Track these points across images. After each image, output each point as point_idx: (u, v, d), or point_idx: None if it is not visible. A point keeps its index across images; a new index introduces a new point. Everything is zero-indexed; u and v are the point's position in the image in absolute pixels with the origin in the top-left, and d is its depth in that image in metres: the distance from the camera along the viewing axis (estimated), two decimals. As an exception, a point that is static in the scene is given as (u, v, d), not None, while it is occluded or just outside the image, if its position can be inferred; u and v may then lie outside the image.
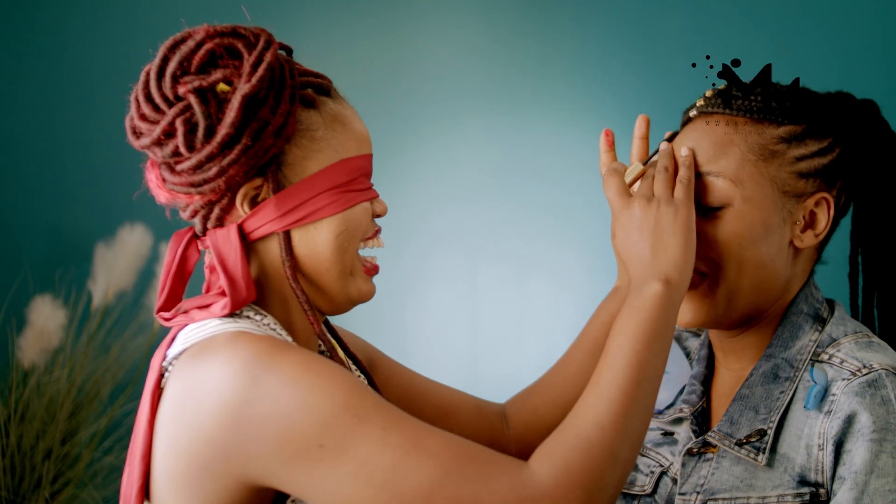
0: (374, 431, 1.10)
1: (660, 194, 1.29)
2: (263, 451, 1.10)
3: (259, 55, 1.20)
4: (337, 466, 1.09)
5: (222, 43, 1.21)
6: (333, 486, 1.10)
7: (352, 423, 1.09)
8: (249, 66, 1.20)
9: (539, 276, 2.71)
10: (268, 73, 1.20)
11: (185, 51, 1.21)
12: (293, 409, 1.10)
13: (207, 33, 1.22)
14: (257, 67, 1.20)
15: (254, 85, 1.18)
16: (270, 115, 1.20)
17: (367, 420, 1.10)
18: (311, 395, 1.10)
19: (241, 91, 1.18)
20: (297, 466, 1.10)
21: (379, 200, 1.31)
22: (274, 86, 1.21)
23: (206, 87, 1.19)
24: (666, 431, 1.46)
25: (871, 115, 1.41)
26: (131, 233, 2.59)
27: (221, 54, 1.21)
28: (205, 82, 1.19)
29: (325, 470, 1.09)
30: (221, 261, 1.23)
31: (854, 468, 1.22)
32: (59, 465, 2.54)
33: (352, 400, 1.11)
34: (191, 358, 1.18)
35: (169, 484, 1.17)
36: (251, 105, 1.19)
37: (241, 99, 1.18)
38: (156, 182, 1.25)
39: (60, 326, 2.51)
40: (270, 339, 1.16)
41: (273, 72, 1.21)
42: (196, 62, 1.20)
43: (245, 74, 1.19)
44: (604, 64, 2.64)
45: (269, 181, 1.22)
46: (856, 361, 1.28)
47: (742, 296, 1.34)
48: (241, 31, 1.23)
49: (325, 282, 1.26)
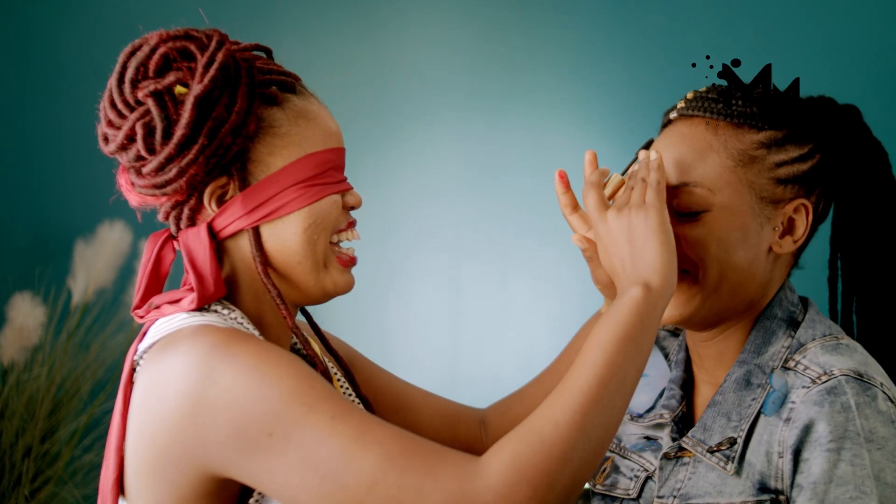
0: (322, 420, 1.11)
1: (632, 202, 1.28)
2: (219, 439, 1.12)
3: (211, 56, 1.22)
4: (285, 455, 1.10)
5: (175, 46, 1.24)
6: (282, 476, 1.11)
7: (300, 412, 1.11)
8: (202, 67, 1.22)
9: (521, 273, 2.71)
10: (219, 72, 1.21)
11: (140, 56, 1.23)
12: (244, 399, 1.12)
13: (161, 38, 1.24)
14: (209, 68, 1.22)
15: (206, 85, 1.20)
16: (225, 113, 1.22)
17: (315, 409, 1.11)
18: (263, 385, 1.12)
19: (193, 91, 1.20)
20: (249, 455, 1.12)
21: (352, 193, 1.32)
22: (228, 84, 1.23)
23: (162, 89, 1.22)
24: (649, 436, 1.45)
25: (853, 121, 1.41)
26: (111, 230, 2.59)
27: (174, 57, 1.23)
28: (160, 85, 1.22)
29: (274, 458, 1.11)
30: (191, 258, 1.25)
31: (812, 478, 1.22)
32: (38, 462, 2.54)
33: (301, 389, 1.12)
34: (158, 351, 1.20)
35: (139, 476, 1.19)
36: (205, 104, 1.21)
37: (194, 99, 1.20)
38: (126, 186, 1.29)
39: (40, 324, 2.51)
40: (231, 330, 1.18)
41: (227, 70, 1.23)
42: (152, 67, 1.23)
43: (198, 75, 1.21)
44: (585, 59, 2.64)
45: (235, 179, 1.24)
46: (817, 367, 1.28)
47: (717, 297, 1.34)
48: (194, 33, 1.25)
49: (298, 275, 1.28)
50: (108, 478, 1.23)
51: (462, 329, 2.76)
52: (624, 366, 1.17)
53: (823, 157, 1.36)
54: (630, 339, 1.18)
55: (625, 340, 1.18)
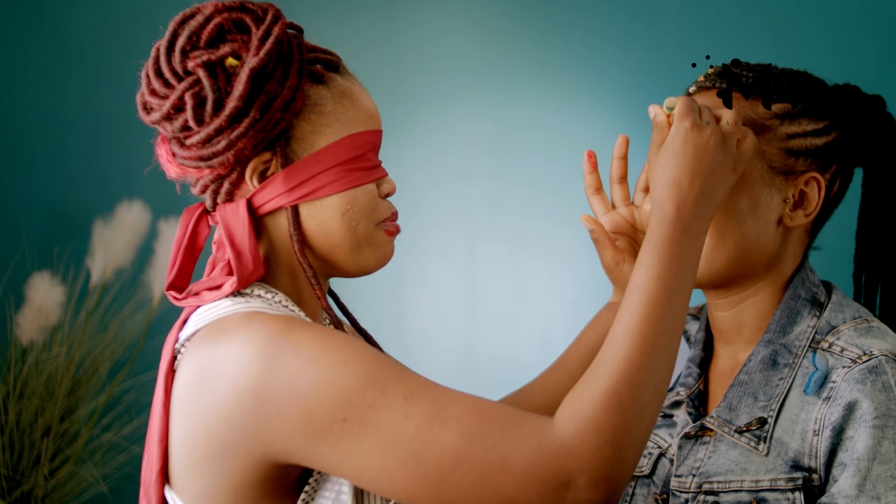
0: (397, 402, 1.10)
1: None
2: (287, 429, 1.11)
3: (267, 29, 1.22)
4: (361, 440, 1.09)
5: (231, 17, 1.22)
6: (359, 460, 1.10)
7: (374, 396, 1.09)
8: (257, 40, 1.21)
9: (536, 253, 2.72)
10: (275, 46, 1.21)
11: (193, 26, 1.22)
12: (314, 386, 1.10)
13: (216, 8, 1.23)
14: (265, 41, 1.21)
15: (261, 58, 1.19)
16: (278, 88, 1.21)
17: (388, 391, 1.10)
18: (331, 371, 1.10)
19: (249, 64, 1.19)
20: (321, 442, 1.10)
21: (388, 180, 1.32)
22: (282, 60, 1.22)
23: (215, 61, 1.20)
24: (665, 414, 1.46)
25: (878, 109, 1.42)
26: (129, 210, 2.58)
27: (230, 29, 1.22)
28: (213, 56, 1.20)
29: (349, 444, 1.10)
30: (229, 234, 1.23)
31: (856, 454, 1.22)
32: (57, 442, 2.54)
33: (371, 372, 1.11)
34: (204, 338, 1.18)
35: (188, 465, 1.17)
36: (259, 78, 1.20)
37: (249, 72, 1.19)
38: (166, 157, 1.27)
39: (59, 303, 2.51)
40: (285, 317, 1.16)
41: (281, 46, 1.22)
42: (205, 37, 1.22)
43: (253, 48, 1.20)
44: (602, 40, 2.64)
45: (278, 155, 1.23)
46: (856, 349, 1.28)
47: (721, 261, 1.34)
48: (250, 5, 1.24)
49: (336, 256, 1.27)
50: (152, 468, 1.21)
51: (477, 310, 2.77)
52: (669, 290, 1.16)
53: (841, 136, 1.37)
54: (672, 261, 1.18)
55: (667, 268, 1.17)
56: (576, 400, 1.11)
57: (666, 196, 1.21)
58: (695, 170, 1.21)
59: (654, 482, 1.42)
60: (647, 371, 1.12)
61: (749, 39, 2.47)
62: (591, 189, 1.47)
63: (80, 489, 2.59)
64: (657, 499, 1.40)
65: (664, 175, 1.22)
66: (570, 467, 1.07)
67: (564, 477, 1.07)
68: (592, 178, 1.47)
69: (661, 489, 1.41)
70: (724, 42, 2.45)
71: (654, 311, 1.14)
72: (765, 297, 1.39)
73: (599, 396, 1.10)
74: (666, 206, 1.20)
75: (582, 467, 1.07)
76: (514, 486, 1.08)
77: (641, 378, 1.11)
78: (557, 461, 1.08)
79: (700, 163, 1.21)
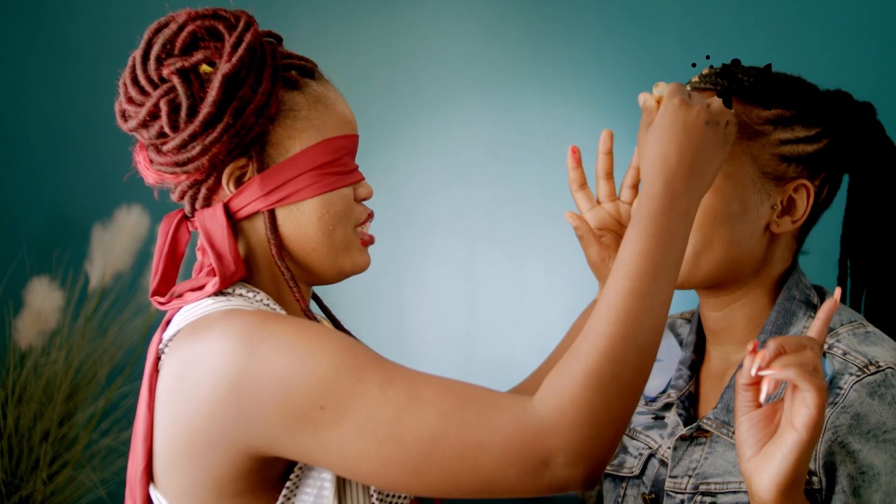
0: (373, 387, 1.11)
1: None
2: (266, 419, 1.12)
3: (239, 36, 1.24)
4: (339, 427, 1.11)
5: (203, 25, 1.25)
6: (338, 447, 1.11)
7: (349, 383, 1.11)
8: (230, 47, 1.23)
9: (535, 257, 2.72)
10: (248, 52, 1.23)
11: (167, 34, 1.24)
12: (291, 375, 1.11)
13: (189, 16, 1.25)
14: (237, 47, 1.23)
15: (234, 64, 1.22)
16: (251, 93, 1.23)
17: (363, 378, 1.12)
18: (308, 360, 1.12)
19: (221, 70, 1.21)
20: (300, 431, 1.12)
21: (364, 184, 1.33)
22: (254, 65, 1.24)
23: (189, 67, 1.22)
24: (656, 416, 1.46)
25: (867, 116, 1.42)
26: (128, 214, 2.59)
27: (203, 36, 1.24)
28: (187, 63, 1.22)
29: (328, 431, 1.11)
30: (209, 238, 1.26)
31: (875, 470, 1.23)
32: (56, 446, 2.54)
33: (347, 359, 1.12)
34: (185, 336, 1.20)
35: (171, 462, 1.19)
36: (232, 84, 1.22)
37: (222, 78, 1.21)
38: (144, 164, 1.29)
39: (57, 308, 2.51)
40: (262, 311, 1.19)
41: (253, 52, 1.24)
42: (179, 44, 1.24)
43: (226, 54, 1.22)
44: (602, 44, 2.64)
45: (254, 160, 1.25)
46: (860, 356, 1.29)
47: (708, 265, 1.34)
48: (223, 13, 1.26)
49: (313, 260, 1.29)
50: (137, 468, 1.23)
51: (477, 314, 2.77)
52: (655, 266, 1.15)
53: (831, 144, 1.38)
54: (660, 237, 1.16)
55: (654, 244, 1.16)
56: (555, 379, 1.11)
57: (655, 171, 1.20)
58: (684, 144, 1.20)
59: (643, 482, 1.42)
60: (630, 347, 1.11)
61: (747, 43, 2.47)
62: (576, 185, 1.47)
63: (78, 494, 2.59)
64: (645, 498, 1.41)
65: (653, 150, 1.21)
66: (548, 445, 1.08)
67: (543, 455, 1.08)
68: (577, 173, 1.47)
69: (650, 489, 1.41)
70: (723, 47, 2.45)
71: (639, 286, 1.13)
72: (755, 298, 1.39)
73: (578, 373, 1.10)
74: (655, 181, 1.19)
75: (560, 445, 1.08)
76: (492, 466, 1.09)
77: (623, 354, 1.10)
78: (535, 439, 1.08)
79: (689, 138, 1.21)
